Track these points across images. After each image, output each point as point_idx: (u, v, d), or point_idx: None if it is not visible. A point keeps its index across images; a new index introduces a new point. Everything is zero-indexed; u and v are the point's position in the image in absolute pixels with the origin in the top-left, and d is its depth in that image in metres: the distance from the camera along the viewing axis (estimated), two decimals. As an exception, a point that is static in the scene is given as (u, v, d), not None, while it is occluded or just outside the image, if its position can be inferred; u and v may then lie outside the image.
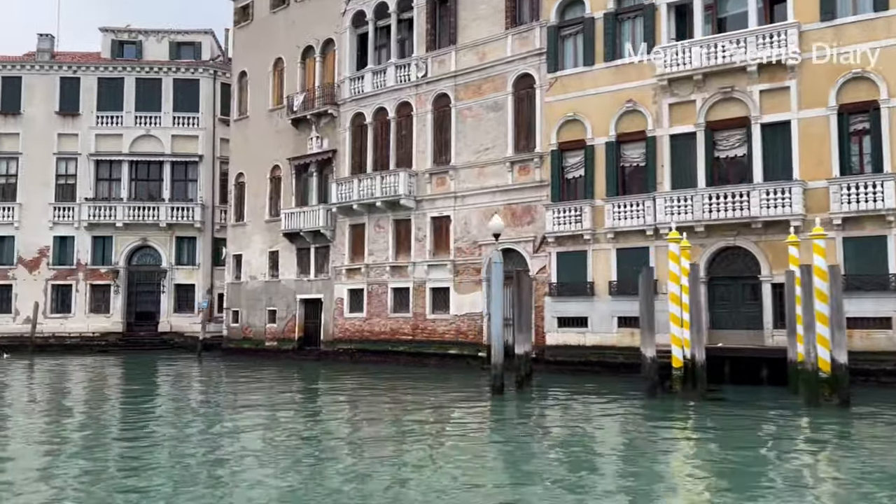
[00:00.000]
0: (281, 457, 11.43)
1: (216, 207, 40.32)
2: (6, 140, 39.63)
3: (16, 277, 39.04)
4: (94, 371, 29.28)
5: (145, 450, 11.96)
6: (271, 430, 14.06)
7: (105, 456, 11.79)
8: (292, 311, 31.51)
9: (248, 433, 13.67)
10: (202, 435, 13.67)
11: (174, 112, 40.25)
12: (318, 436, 13.55)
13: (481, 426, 14.60)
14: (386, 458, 11.03)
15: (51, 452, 12.02)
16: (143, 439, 13.22)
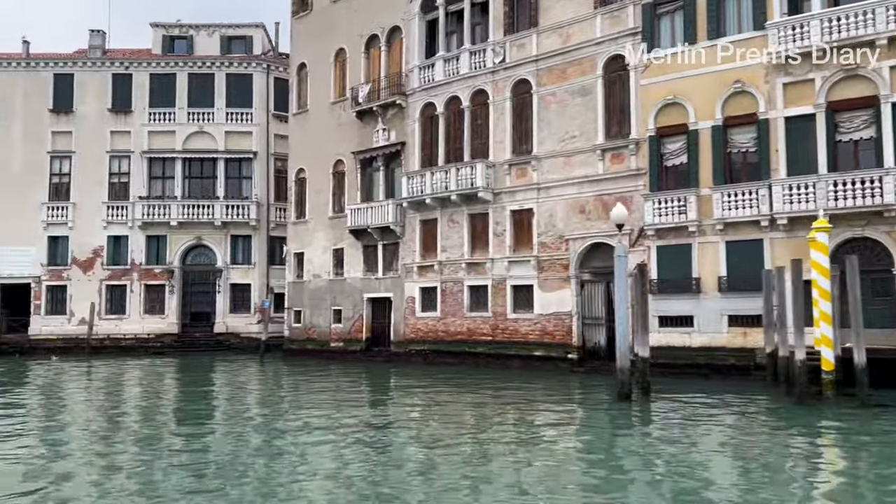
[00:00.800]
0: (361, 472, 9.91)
1: (271, 205, 39.01)
2: (59, 139, 38.66)
3: (70, 278, 38.07)
4: (154, 374, 28.08)
5: (220, 458, 11.35)
6: (349, 438, 13.06)
7: (172, 462, 11.22)
8: (359, 310, 30.01)
9: (323, 440, 12.91)
10: (273, 440, 13.03)
11: (227, 108, 39.01)
12: (409, 446, 12.28)
13: (627, 439, 12.81)
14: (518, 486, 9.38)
15: (114, 460, 11.55)
16: (217, 446, 12.53)
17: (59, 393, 23.15)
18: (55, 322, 37.75)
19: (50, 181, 38.54)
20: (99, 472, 10.73)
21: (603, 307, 22.99)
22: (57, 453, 12.28)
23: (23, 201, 37.91)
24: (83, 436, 14.27)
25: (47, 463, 11.47)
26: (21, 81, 38.68)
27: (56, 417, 17.60)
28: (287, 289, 33.84)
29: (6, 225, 37.81)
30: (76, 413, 18.15)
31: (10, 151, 38.37)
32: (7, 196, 37.99)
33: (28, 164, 38.31)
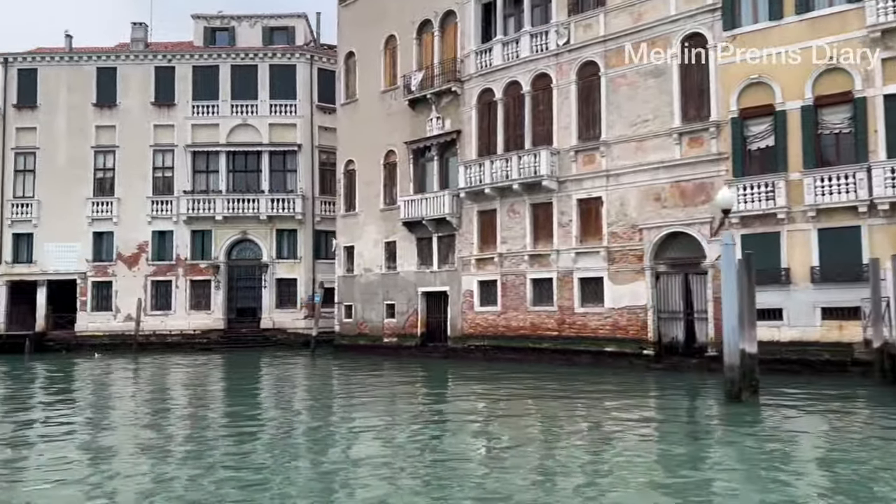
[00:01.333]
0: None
1: (316, 198, 38.15)
2: (103, 133, 38.11)
3: (115, 274, 37.54)
4: (203, 370, 27.40)
5: (274, 456, 10.98)
6: (406, 437, 12.45)
7: (224, 459, 10.90)
8: (413, 305, 28.96)
9: (379, 438, 12.47)
10: (328, 438, 12.65)
11: (271, 100, 38.18)
12: (475, 446, 11.43)
13: (766, 445, 11.37)
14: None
15: (165, 457, 11.27)
16: (272, 444, 12.00)
17: (109, 389, 22.50)
18: (101, 318, 37.26)
19: (94, 176, 38.03)
20: (149, 470, 10.36)
21: (681, 300, 21.67)
22: (108, 450, 11.90)
23: (68, 197, 37.44)
24: (134, 433, 13.66)
25: (98, 460, 11.12)
26: (64, 76, 38.19)
27: (107, 413, 17.01)
28: (337, 283, 32.89)
29: (52, 221, 37.38)
30: (127, 410, 17.55)
31: (55, 146, 37.91)
32: (52, 191, 37.56)
33: (72, 158, 37.82)
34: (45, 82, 38.12)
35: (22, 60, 38.18)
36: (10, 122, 37.99)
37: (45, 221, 37.56)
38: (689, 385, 18.51)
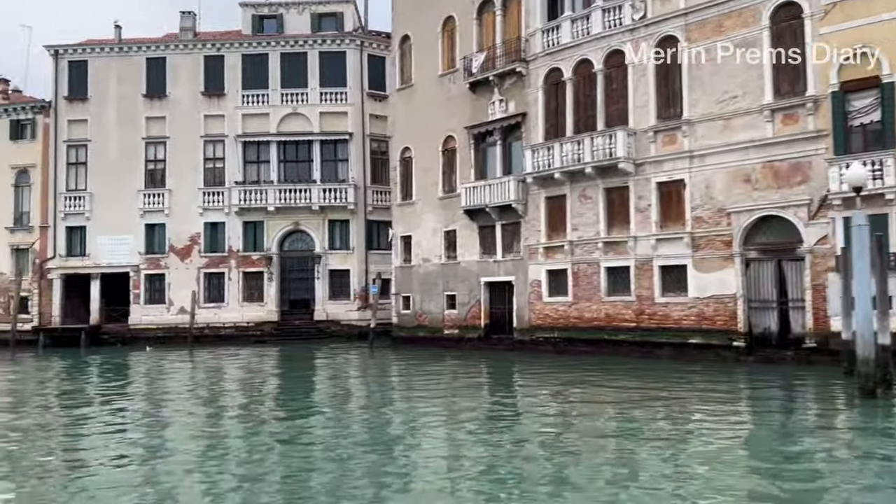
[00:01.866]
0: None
1: (368, 188, 37.17)
2: (153, 124, 37.54)
3: (168, 266, 37.03)
4: (260, 363, 26.70)
5: (334, 450, 10.71)
6: (470, 434, 11.89)
7: (283, 453, 10.73)
8: (475, 295, 27.80)
9: (444, 435, 11.93)
10: (390, 433, 12.16)
11: (321, 88, 37.25)
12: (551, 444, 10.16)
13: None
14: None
15: (225, 452, 11.08)
16: (332, 438, 11.65)
17: (169, 383, 21.84)
18: (154, 311, 36.81)
19: (145, 168, 37.52)
20: (209, 464, 10.14)
21: (774, 288, 20.17)
22: (167, 444, 11.68)
23: (119, 189, 37.00)
24: (194, 427, 13.23)
25: (155, 456, 10.83)
26: (114, 67, 37.69)
27: (168, 407, 16.46)
28: (393, 274, 31.87)
29: (104, 213, 36.98)
30: (190, 403, 17.00)
31: (106, 138, 37.47)
32: (105, 184, 37.15)
33: (124, 150, 37.35)
34: (95, 74, 37.67)
35: (72, 52, 37.77)
36: (61, 114, 37.64)
37: (97, 214, 37.18)
38: (789, 379, 17.09)
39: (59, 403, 18.09)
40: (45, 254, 37.41)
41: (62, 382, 22.44)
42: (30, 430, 13.50)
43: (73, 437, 12.74)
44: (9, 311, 37.11)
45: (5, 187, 37.99)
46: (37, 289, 37.16)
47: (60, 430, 13.80)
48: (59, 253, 37.33)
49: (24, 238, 37.82)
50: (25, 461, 10.66)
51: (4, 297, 37.72)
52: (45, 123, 37.80)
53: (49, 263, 37.29)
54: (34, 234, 37.66)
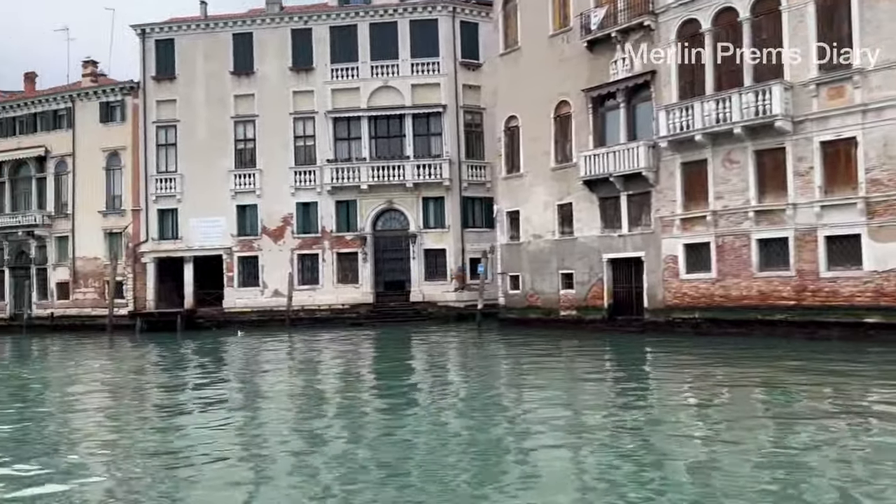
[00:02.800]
0: None
1: (462, 162, 35.09)
2: (241, 102, 36.24)
3: (261, 248, 35.84)
4: (365, 347, 25.28)
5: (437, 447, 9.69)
6: (597, 433, 10.13)
7: (383, 445, 9.79)
8: (596, 273, 25.47)
9: (568, 439, 9.89)
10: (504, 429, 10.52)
11: (412, 58, 35.25)
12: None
13: None
14: None
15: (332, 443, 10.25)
16: (436, 433, 10.58)
17: (270, 368, 20.33)
18: (248, 294, 35.73)
19: (235, 147, 36.29)
20: (305, 459, 9.29)
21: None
22: (267, 434, 10.83)
23: (210, 170, 35.91)
24: (294, 418, 12.17)
25: (255, 447, 10.12)
26: (201, 44, 36.48)
27: (271, 395, 15.14)
28: (500, 252, 29.78)
29: (195, 195, 35.99)
30: (290, 390, 15.68)
31: (195, 118, 36.38)
32: (194, 165, 36.13)
33: (213, 130, 36.21)
34: (182, 52, 36.56)
35: (159, 31, 36.72)
36: (150, 94, 36.70)
37: (188, 196, 36.22)
38: None
39: (164, 390, 16.82)
40: (137, 237, 36.71)
41: (165, 368, 21.23)
42: (135, 416, 12.99)
43: (177, 428, 11.73)
44: (104, 295, 36.72)
45: (97, 171, 37.40)
46: (131, 273, 36.51)
47: (165, 417, 12.80)
48: (152, 236, 36.56)
49: (117, 222, 37.20)
50: (128, 448, 10.27)
51: (99, 282, 37.29)
52: (133, 105, 36.96)
53: (142, 247, 36.57)
54: (126, 218, 37.00)
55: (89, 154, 37.42)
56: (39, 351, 28.94)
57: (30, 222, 38.14)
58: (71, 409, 14.42)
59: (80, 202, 37.67)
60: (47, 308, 38.30)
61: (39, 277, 38.77)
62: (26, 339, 34.07)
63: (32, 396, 16.11)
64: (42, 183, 39.04)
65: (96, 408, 14.26)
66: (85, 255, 37.60)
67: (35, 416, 13.38)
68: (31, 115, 39.19)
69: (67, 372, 20.63)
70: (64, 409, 14.49)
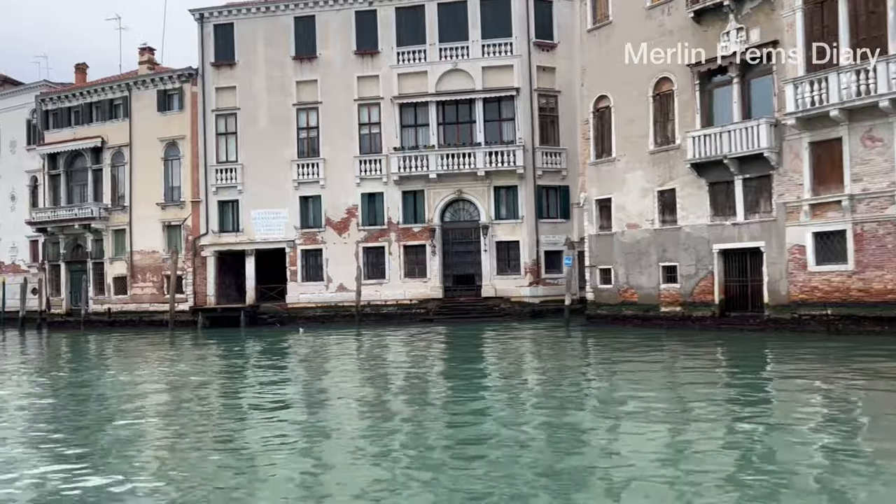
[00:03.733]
0: None
1: (536, 149, 32.82)
2: (304, 88, 34.36)
3: (325, 241, 33.97)
4: (439, 346, 23.18)
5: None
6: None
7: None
8: (705, 265, 23.07)
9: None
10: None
11: (483, 39, 33.02)
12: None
13: None
14: None
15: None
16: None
17: (344, 367, 18.42)
18: (312, 289, 33.90)
19: (297, 136, 34.45)
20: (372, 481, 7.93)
21: None
22: (335, 447, 9.72)
23: (271, 159, 34.16)
24: (366, 429, 10.76)
25: (322, 454, 9.34)
26: (261, 29, 34.68)
27: (346, 400, 13.43)
28: (588, 243, 27.47)
29: (256, 186, 34.26)
30: (389, 393, 13.94)
31: (256, 105, 34.62)
32: (255, 155, 34.39)
33: (274, 118, 34.42)
34: (241, 37, 34.81)
35: (217, 15, 35.00)
36: (209, 81, 35.02)
37: (249, 187, 34.49)
38: None
39: (234, 390, 14.96)
40: (197, 230, 35.10)
41: (239, 369, 19.32)
42: (202, 415, 12.30)
43: (251, 436, 10.56)
44: (162, 290, 35.21)
45: (155, 161, 35.87)
46: (190, 267, 34.91)
47: (261, 427, 11.16)
48: (212, 229, 34.91)
49: (176, 214, 35.64)
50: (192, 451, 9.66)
51: (157, 277, 35.79)
52: (192, 92, 35.32)
53: (202, 240, 34.94)
54: (185, 210, 35.41)
55: (147, 144, 35.92)
56: (101, 348, 27.43)
57: (86, 215, 36.77)
58: (161, 414, 12.59)
59: (138, 194, 36.21)
60: (104, 303, 36.92)
61: (96, 272, 37.42)
62: (84, 336, 32.68)
63: (117, 405, 14.30)
64: (98, 174, 37.67)
65: (184, 411, 12.42)
66: (143, 248, 36.12)
67: (128, 429, 11.53)
68: (87, 105, 37.82)
69: (140, 373, 18.82)
70: (154, 413, 12.69)
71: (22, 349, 28.45)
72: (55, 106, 38.77)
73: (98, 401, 14.44)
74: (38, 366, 22.11)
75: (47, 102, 38.94)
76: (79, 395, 15.20)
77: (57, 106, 38.69)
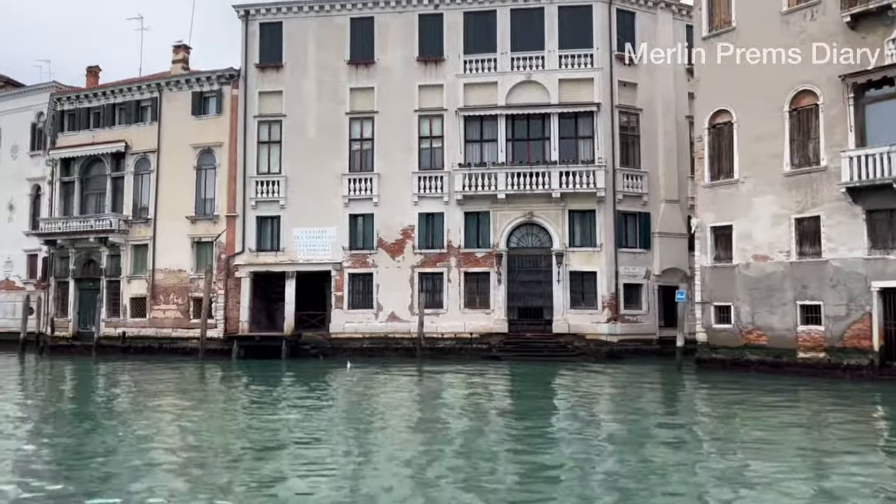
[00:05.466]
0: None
1: (617, 171, 29.40)
2: (359, 96, 30.71)
3: (376, 265, 30.01)
4: (526, 389, 19.63)
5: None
6: None
7: None
8: (860, 305, 19.58)
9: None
10: None
11: (560, 50, 29.74)
12: None
13: None
14: None
15: None
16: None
17: (411, 413, 14.27)
18: (359, 317, 29.84)
19: (349, 148, 30.68)
20: None
21: None
22: None
23: (319, 172, 30.33)
24: None
25: None
26: (313, 29, 31.11)
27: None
28: (701, 276, 23.88)
29: (302, 201, 30.36)
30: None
31: (304, 113, 30.86)
32: (302, 167, 30.54)
33: (323, 127, 30.68)
34: (291, 38, 31.17)
35: (265, 13, 31.35)
36: (252, 85, 31.23)
37: (292, 202, 30.54)
38: None
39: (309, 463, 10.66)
40: (232, 248, 30.95)
41: (301, 420, 15.15)
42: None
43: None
44: (188, 314, 30.97)
45: (186, 170, 31.81)
46: (222, 289, 30.66)
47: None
48: (249, 247, 30.80)
49: (208, 229, 31.49)
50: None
51: (183, 299, 31.48)
52: (232, 96, 31.47)
53: (236, 259, 30.79)
54: (219, 225, 31.29)
55: (177, 150, 31.89)
56: (115, 382, 22.97)
57: (104, 227, 32.45)
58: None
59: (164, 205, 32.04)
60: (118, 326, 32.42)
61: (110, 291, 32.97)
62: (94, 364, 28.14)
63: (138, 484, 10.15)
64: (118, 183, 33.47)
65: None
66: (167, 266, 31.82)
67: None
68: (109, 106, 33.76)
69: (169, 429, 14.03)
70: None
71: (21, 382, 23.82)
72: (72, 106, 34.64)
73: (106, 482, 9.58)
74: (36, 410, 17.68)
75: (63, 102, 34.80)
76: (81, 474, 10.57)
77: (74, 106, 34.57)
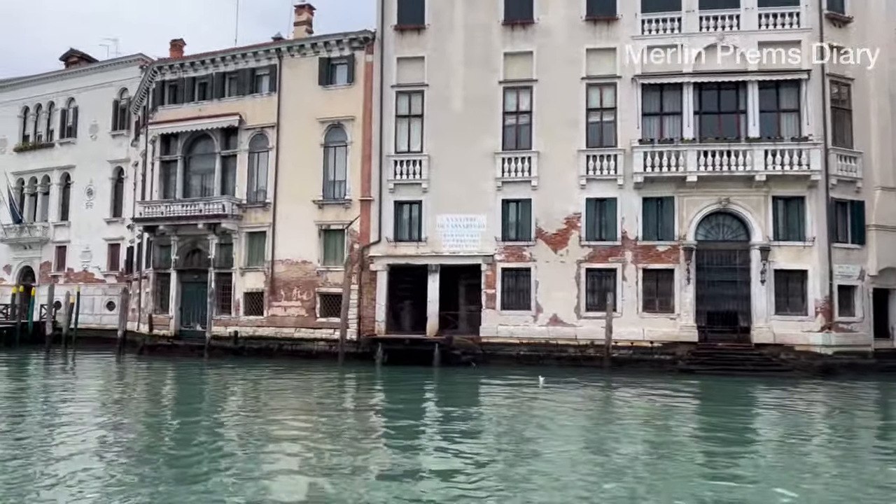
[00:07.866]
0: None
1: (829, 151, 24.25)
2: (514, 62, 26.02)
3: (534, 259, 25.28)
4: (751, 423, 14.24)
5: None
6: None
7: None
8: None
9: None
10: None
11: (759, 7, 24.70)
12: None
13: None
14: None
15: None
16: None
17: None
18: (515, 319, 25.18)
19: (503, 122, 25.98)
20: None
21: None
22: None
23: (467, 151, 25.72)
24: None
25: None
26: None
27: None
28: None
29: (447, 184, 25.78)
30: None
31: (450, 82, 26.26)
32: (448, 144, 25.94)
33: (472, 98, 26.05)
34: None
35: (406, -33, 26.79)
36: (389, 50, 26.72)
37: (436, 185, 25.98)
38: None
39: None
40: (367, 237, 26.48)
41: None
42: None
43: None
44: (314, 311, 26.56)
45: (312, 147, 27.43)
46: (356, 283, 26.17)
47: None
48: (386, 236, 26.30)
49: (338, 215, 27.06)
50: None
51: (309, 294, 27.09)
52: (366, 62, 26.99)
53: (371, 249, 26.29)
54: (351, 211, 26.85)
55: (301, 125, 27.53)
56: (244, 392, 18.53)
57: (214, 212, 28.20)
58: None
59: (286, 188, 27.69)
60: (228, 325, 28.14)
61: (220, 285, 28.71)
62: (205, 368, 23.88)
63: None
64: (228, 162, 29.23)
65: None
66: (289, 257, 27.46)
67: None
68: (219, 75, 29.54)
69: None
70: None
71: (123, 389, 19.57)
72: (175, 76, 30.48)
73: None
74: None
75: (165, 71, 30.66)
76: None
77: (178, 76, 30.41)
